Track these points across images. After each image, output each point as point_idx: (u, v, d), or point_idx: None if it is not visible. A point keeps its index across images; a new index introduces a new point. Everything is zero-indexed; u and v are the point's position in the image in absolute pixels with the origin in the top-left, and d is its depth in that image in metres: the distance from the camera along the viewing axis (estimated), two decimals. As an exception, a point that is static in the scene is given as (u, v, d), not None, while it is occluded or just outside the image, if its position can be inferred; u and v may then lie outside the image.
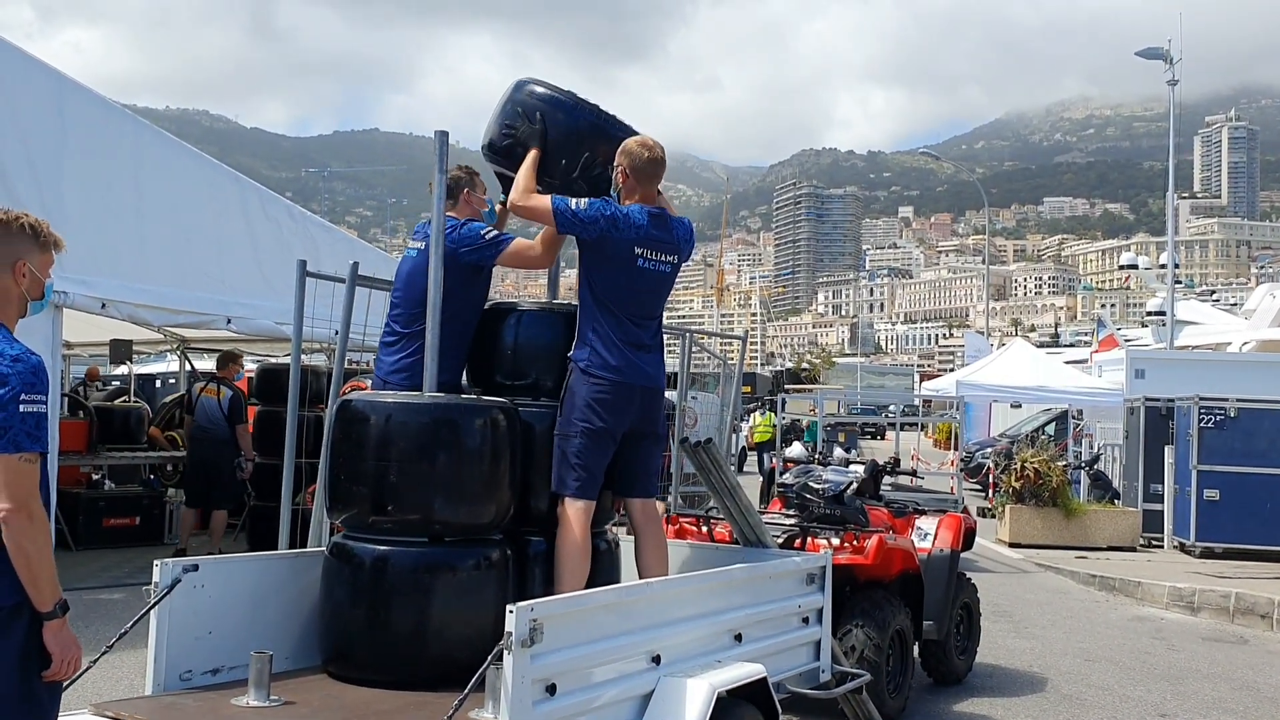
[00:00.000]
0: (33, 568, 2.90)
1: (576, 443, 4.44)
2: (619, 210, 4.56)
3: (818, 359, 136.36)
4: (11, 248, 3.08)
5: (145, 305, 10.01)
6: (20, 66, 9.38)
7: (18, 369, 2.91)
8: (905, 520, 7.25)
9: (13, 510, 2.84)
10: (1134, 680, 7.91)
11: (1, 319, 3.07)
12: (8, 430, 2.84)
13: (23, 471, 2.87)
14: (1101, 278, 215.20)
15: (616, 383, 4.47)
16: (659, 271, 4.64)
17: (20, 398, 2.86)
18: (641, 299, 4.63)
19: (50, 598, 2.95)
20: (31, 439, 2.88)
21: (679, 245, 4.72)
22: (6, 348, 2.96)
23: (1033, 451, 15.32)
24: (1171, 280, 25.66)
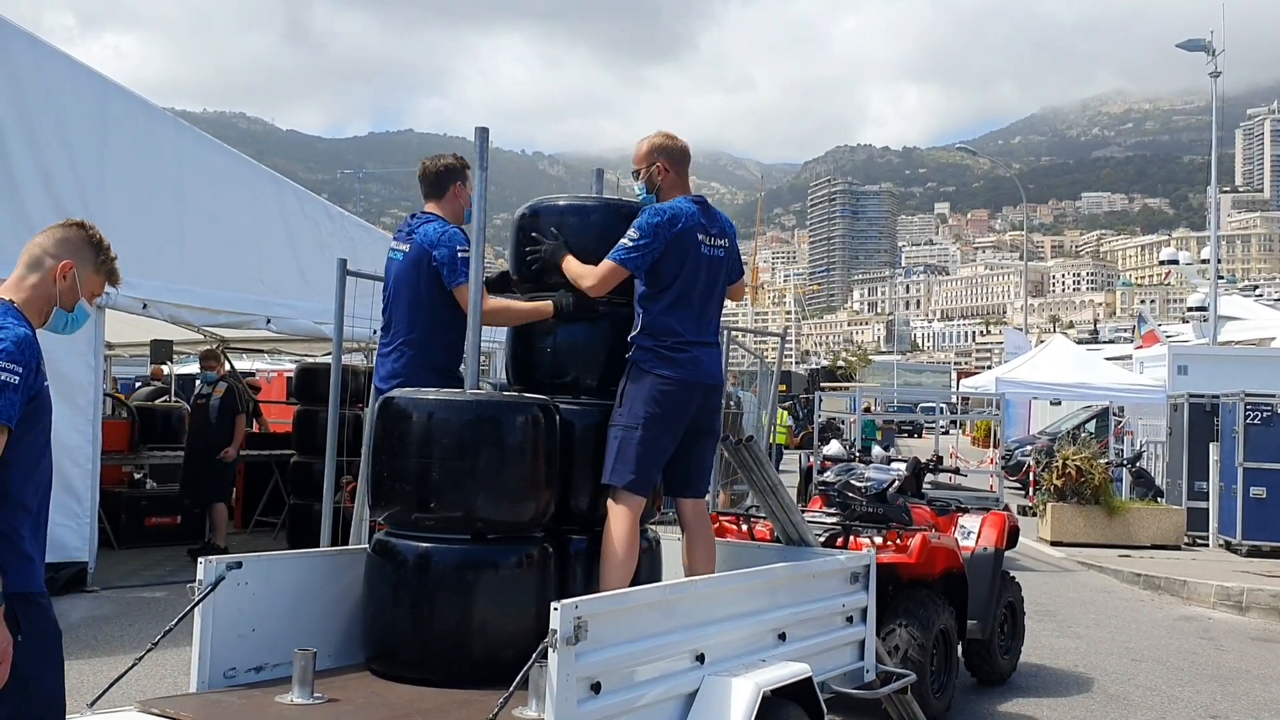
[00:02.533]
0: None
1: (638, 437, 4.39)
2: (667, 208, 4.52)
3: (853, 357, 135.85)
4: (72, 249, 3.05)
5: (186, 306, 10.10)
6: (64, 70, 9.47)
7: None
8: (948, 519, 7.18)
9: None
10: (1182, 681, 7.78)
11: (30, 312, 2.99)
12: None
13: None
14: (1141, 273, 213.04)
15: (683, 381, 4.45)
16: (717, 257, 4.63)
17: None
18: (706, 287, 4.60)
19: None
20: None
21: (725, 229, 4.72)
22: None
23: (1074, 449, 15.15)
24: (1215, 275, 25.32)
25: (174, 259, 10.06)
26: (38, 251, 3.04)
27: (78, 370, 9.26)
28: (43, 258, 3.02)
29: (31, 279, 3.01)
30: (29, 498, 2.92)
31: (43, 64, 9.24)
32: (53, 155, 9.15)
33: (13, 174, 8.87)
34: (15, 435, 2.81)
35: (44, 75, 9.18)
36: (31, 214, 8.96)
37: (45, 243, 3.06)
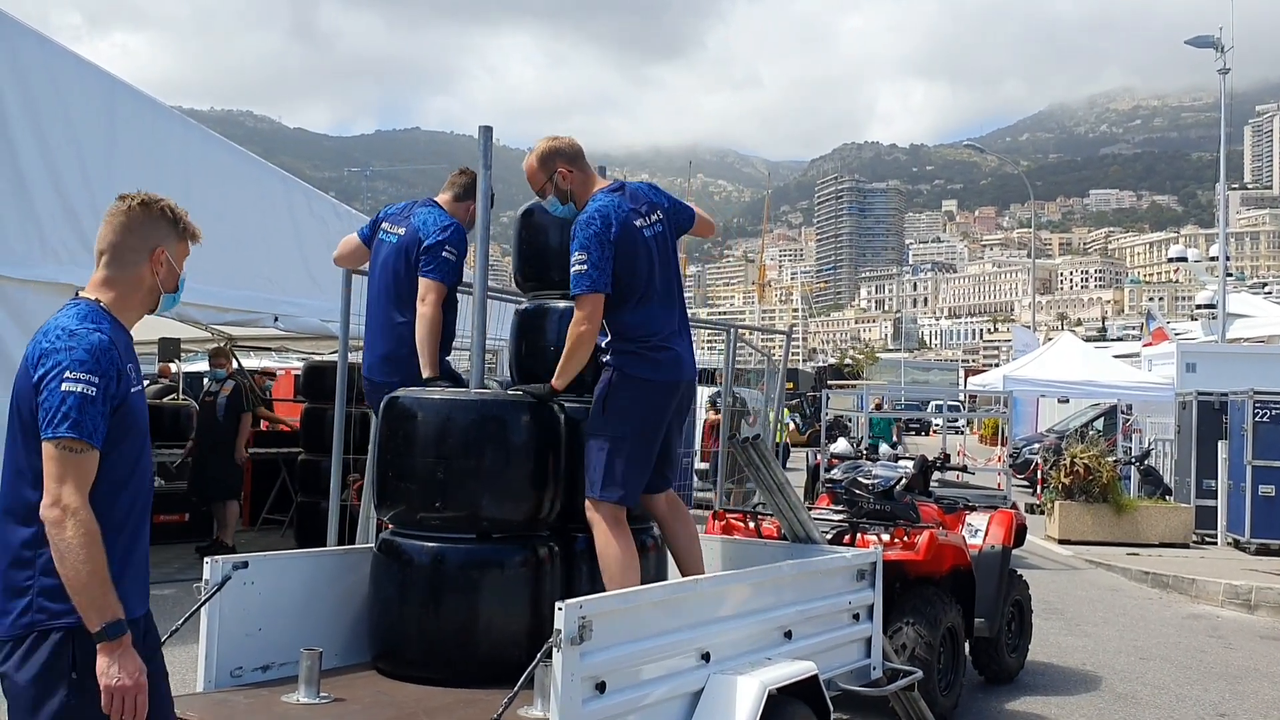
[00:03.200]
0: (68, 575, 2.52)
1: (627, 450, 4.24)
2: (594, 213, 4.26)
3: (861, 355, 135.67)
4: (151, 233, 2.85)
5: (193, 304, 10.09)
6: (72, 69, 9.48)
7: (69, 344, 2.60)
8: (955, 516, 7.17)
9: (47, 506, 2.52)
10: (1191, 679, 7.76)
11: (122, 309, 2.81)
12: (48, 412, 2.54)
13: (63, 462, 2.53)
14: (1149, 271, 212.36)
15: (667, 382, 4.34)
16: (659, 234, 4.42)
17: (64, 375, 2.55)
18: (663, 271, 4.40)
19: (97, 615, 2.53)
20: (69, 423, 2.53)
21: (653, 199, 4.48)
22: (74, 324, 2.65)
23: (1082, 447, 15.12)
24: (1223, 272, 25.24)
25: (181, 257, 10.07)
26: (118, 244, 2.82)
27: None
28: (124, 251, 2.81)
29: (121, 275, 2.81)
30: (119, 516, 2.69)
31: (50, 63, 9.25)
32: (61, 154, 9.16)
33: (21, 172, 8.87)
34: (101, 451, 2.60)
35: (52, 74, 9.19)
36: (40, 212, 8.98)
37: (120, 234, 2.83)
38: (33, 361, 2.62)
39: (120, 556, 2.68)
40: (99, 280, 2.81)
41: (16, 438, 2.67)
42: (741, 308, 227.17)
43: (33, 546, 2.58)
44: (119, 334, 2.75)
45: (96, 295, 2.78)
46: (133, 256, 2.82)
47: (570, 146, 4.49)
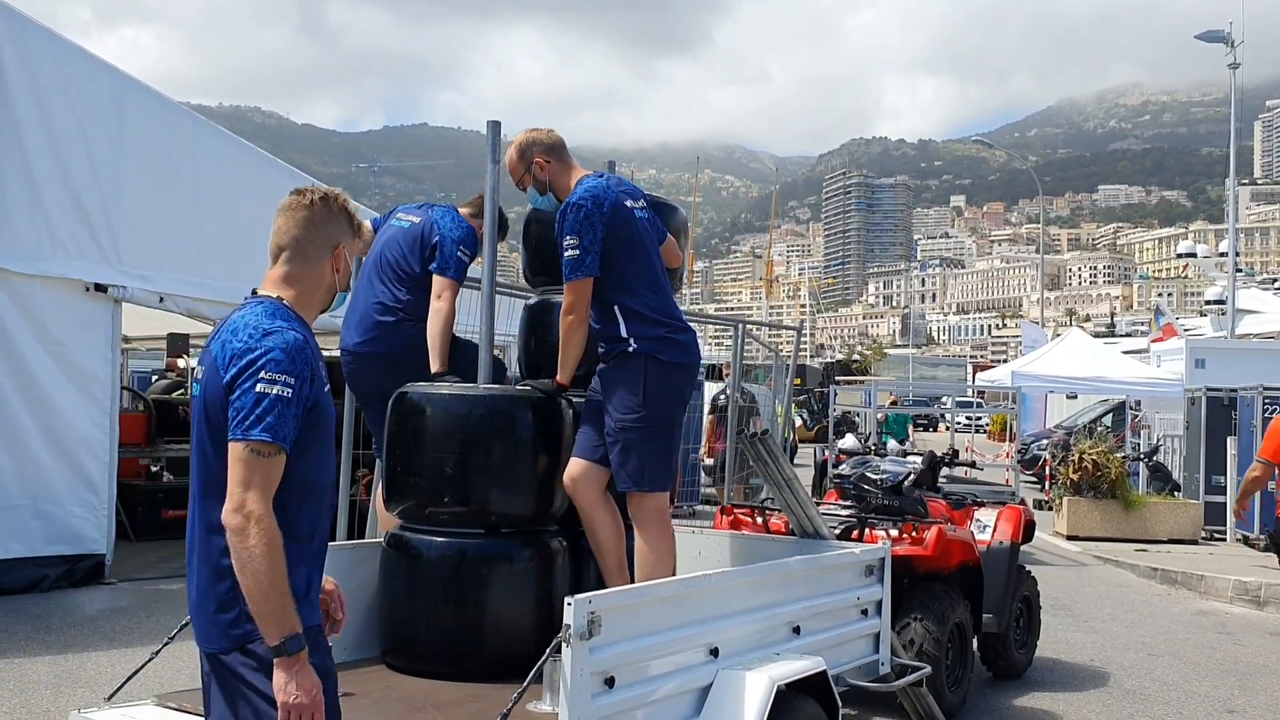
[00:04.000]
0: (248, 585, 2.38)
1: (670, 438, 4.22)
2: (582, 195, 4.20)
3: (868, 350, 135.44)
4: (334, 229, 2.74)
5: (202, 299, 10.15)
6: (81, 64, 9.50)
7: (264, 343, 2.47)
8: (964, 512, 7.15)
9: (230, 511, 2.38)
10: (1200, 676, 7.75)
11: (304, 306, 2.70)
12: (240, 413, 2.42)
13: (250, 465, 2.39)
14: (1158, 266, 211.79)
15: (692, 365, 4.32)
16: (648, 220, 4.40)
17: (259, 375, 2.43)
18: (655, 255, 4.36)
19: (275, 629, 2.39)
20: (262, 425, 2.40)
21: (637, 190, 4.48)
22: (266, 322, 2.54)
23: (1090, 443, 15.08)
24: (1232, 268, 25.18)
25: (190, 252, 10.10)
26: (301, 239, 2.71)
27: (94, 363, 9.31)
28: (308, 247, 2.70)
29: (304, 271, 2.70)
30: (306, 525, 2.59)
31: (60, 58, 9.27)
32: (70, 149, 9.19)
33: (30, 168, 8.91)
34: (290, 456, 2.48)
35: (61, 70, 9.22)
36: (49, 207, 9.01)
37: (304, 229, 2.71)
38: (223, 362, 2.49)
39: (308, 567, 2.60)
40: (279, 277, 2.69)
41: (207, 446, 2.54)
42: (749, 303, 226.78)
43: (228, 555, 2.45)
44: (307, 332, 2.63)
45: (278, 293, 2.66)
46: (315, 252, 2.71)
47: (548, 137, 4.45)
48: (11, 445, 8.77)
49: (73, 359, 9.15)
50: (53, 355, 9.00)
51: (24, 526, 8.78)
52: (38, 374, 8.90)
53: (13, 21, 8.90)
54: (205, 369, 2.55)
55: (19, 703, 5.93)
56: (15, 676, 6.40)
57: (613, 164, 5.32)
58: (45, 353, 8.96)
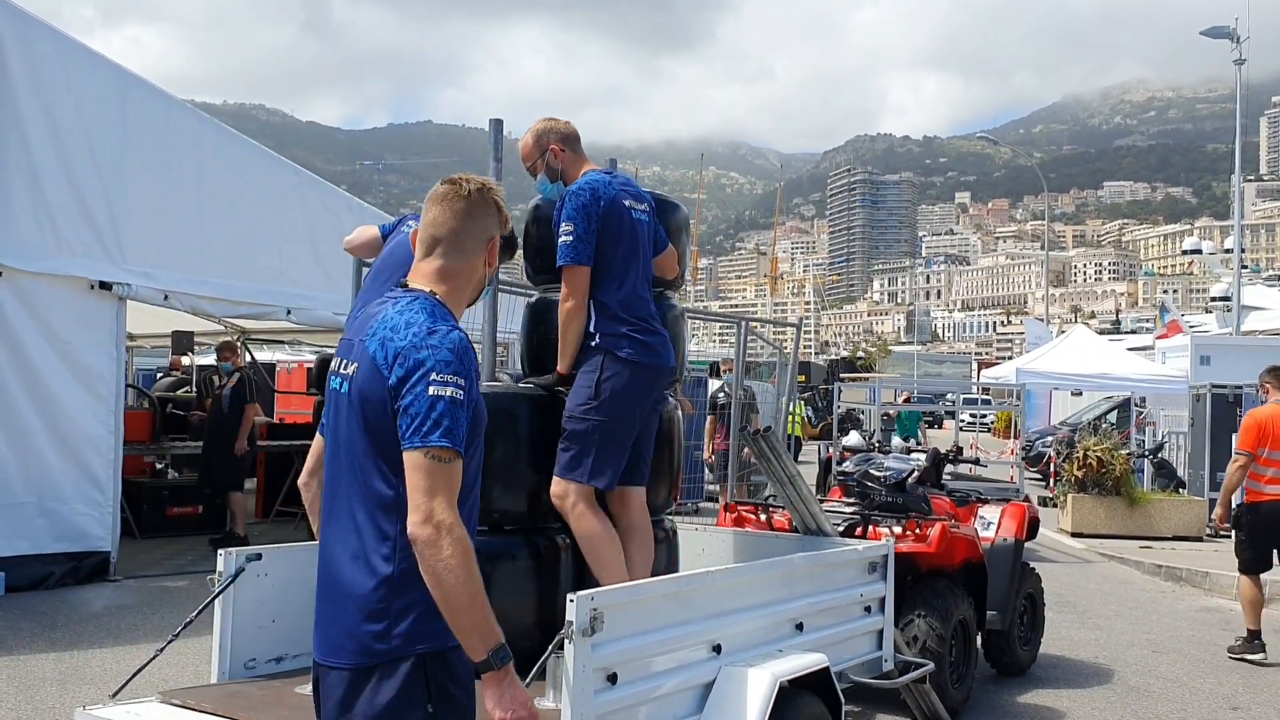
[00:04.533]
0: (448, 599, 2.23)
1: (617, 434, 4.16)
2: (584, 185, 4.22)
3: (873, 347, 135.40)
4: (489, 221, 2.61)
5: (207, 297, 10.17)
6: (85, 62, 9.52)
7: (431, 342, 2.36)
8: (968, 509, 7.15)
9: (418, 523, 2.24)
10: (1203, 672, 7.74)
11: (456, 301, 2.58)
12: (415, 418, 2.30)
13: (433, 473, 2.27)
14: (1163, 263, 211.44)
15: (655, 366, 4.25)
16: (642, 222, 4.36)
17: (431, 378, 2.32)
18: (643, 255, 4.34)
19: (480, 642, 2.26)
20: (440, 430, 2.29)
21: (642, 194, 4.45)
22: (428, 321, 2.42)
23: (1095, 440, 15.07)
24: (1238, 265, 25.14)
25: (195, 250, 10.12)
26: (459, 231, 2.57)
27: (99, 361, 9.33)
28: (465, 239, 2.56)
29: (460, 264, 2.57)
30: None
31: (64, 56, 9.29)
32: (74, 147, 9.20)
33: (35, 167, 8.93)
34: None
35: (65, 68, 9.23)
36: (54, 205, 9.03)
37: (461, 221, 2.57)
38: (385, 361, 2.36)
39: None
40: (434, 271, 2.55)
41: (359, 446, 2.40)
42: (754, 300, 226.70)
43: (388, 562, 2.34)
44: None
45: (431, 286, 2.53)
46: (472, 245, 2.58)
47: (565, 127, 4.47)
48: (17, 443, 8.79)
49: (78, 357, 9.17)
50: (58, 353, 9.02)
51: (30, 524, 8.80)
52: (43, 372, 8.92)
53: (17, 19, 8.91)
54: (361, 367, 2.41)
55: (25, 699, 5.95)
56: (21, 673, 6.42)
57: (614, 161, 5.32)
58: (50, 350, 8.98)
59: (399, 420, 2.31)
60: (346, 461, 2.43)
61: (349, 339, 2.53)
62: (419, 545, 2.24)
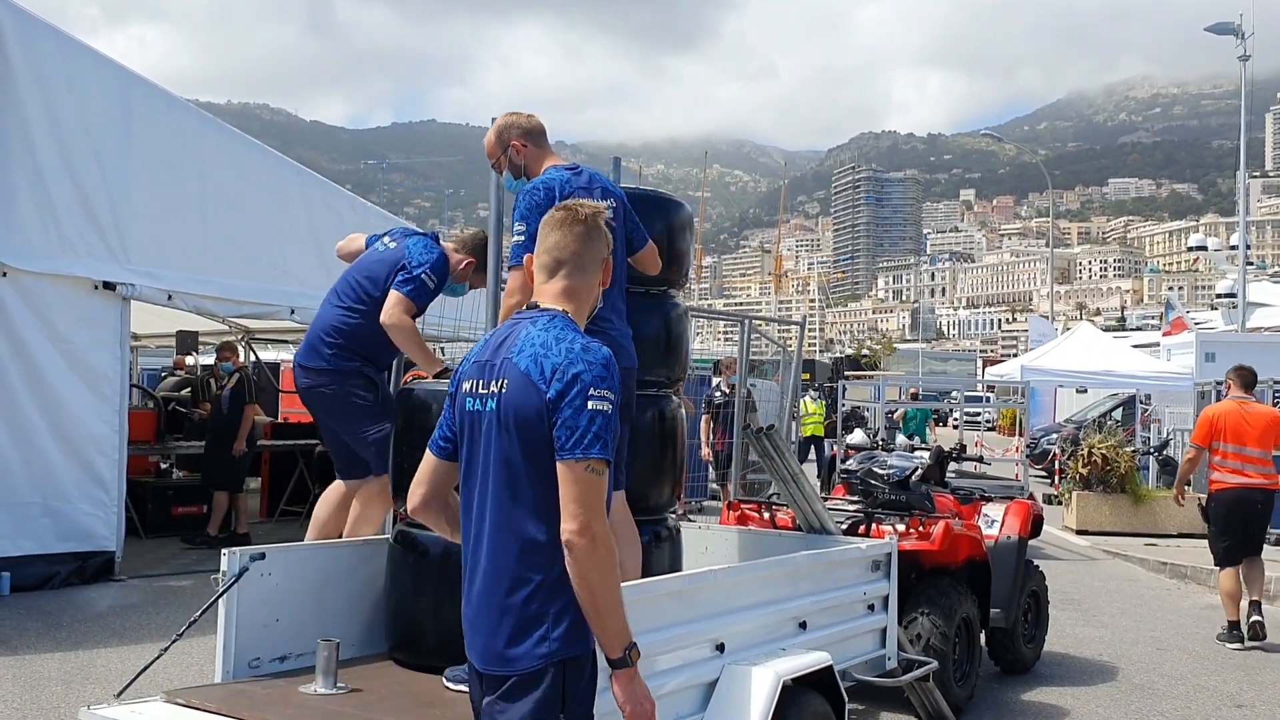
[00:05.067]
0: (598, 603, 2.42)
1: None
2: (538, 183, 4.12)
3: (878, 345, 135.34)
4: (604, 245, 2.79)
5: (210, 297, 10.18)
6: (87, 63, 9.53)
7: (585, 358, 2.50)
8: (971, 507, 7.14)
9: (575, 531, 2.39)
10: (1208, 670, 7.73)
11: (579, 318, 2.72)
12: (574, 432, 2.43)
13: (588, 484, 2.42)
14: (1169, 260, 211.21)
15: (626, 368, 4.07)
16: (617, 218, 4.11)
17: (589, 393, 2.45)
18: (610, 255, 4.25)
19: (619, 641, 2.46)
20: (600, 444, 2.44)
21: (610, 190, 4.22)
22: (578, 338, 2.58)
23: (1100, 437, 15.05)
24: (1243, 261, 25.10)
25: (198, 250, 10.13)
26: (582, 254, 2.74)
27: (103, 361, 9.34)
28: (587, 261, 2.73)
29: (583, 285, 2.73)
30: None
31: (67, 57, 9.30)
32: (78, 148, 9.21)
33: (38, 167, 8.94)
34: None
35: (68, 68, 9.24)
36: (57, 205, 9.04)
37: (583, 244, 2.74)
38: (540, 376, 2.48)
39: None
40: (561, 290, 2.69)
41: (516, 459, 2.51)
42: (758, 299, 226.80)
43: (542, 571, 2.47)
44: None
45: (560, 306, 2.67)
46: (591, 266, 2.74)
47: (528, 121, 4.36)
48: (22, 443, 8.81)
49: (82, 357, 9.19)
50: (62, 353, 9.03)
51: (35, 524, 8.81)
52: (47, 372, 8.93)
53: (20, 20, 8.92)
54: (512, 383, 2.51)
55: (30, 699, 5.96)
56: (26, 673, 6.43)
57: (618, 160, 5.33)
58: (54, 351, 8.99)
59: (555, 432, 2.44)
60: (496, 476, 2.54)
61: (483, 360, 2.63)
62: (574, 552, 2.39)
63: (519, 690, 2.48)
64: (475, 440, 2.59)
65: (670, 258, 4.83)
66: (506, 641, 2.49)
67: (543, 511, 2.47)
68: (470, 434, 2.61)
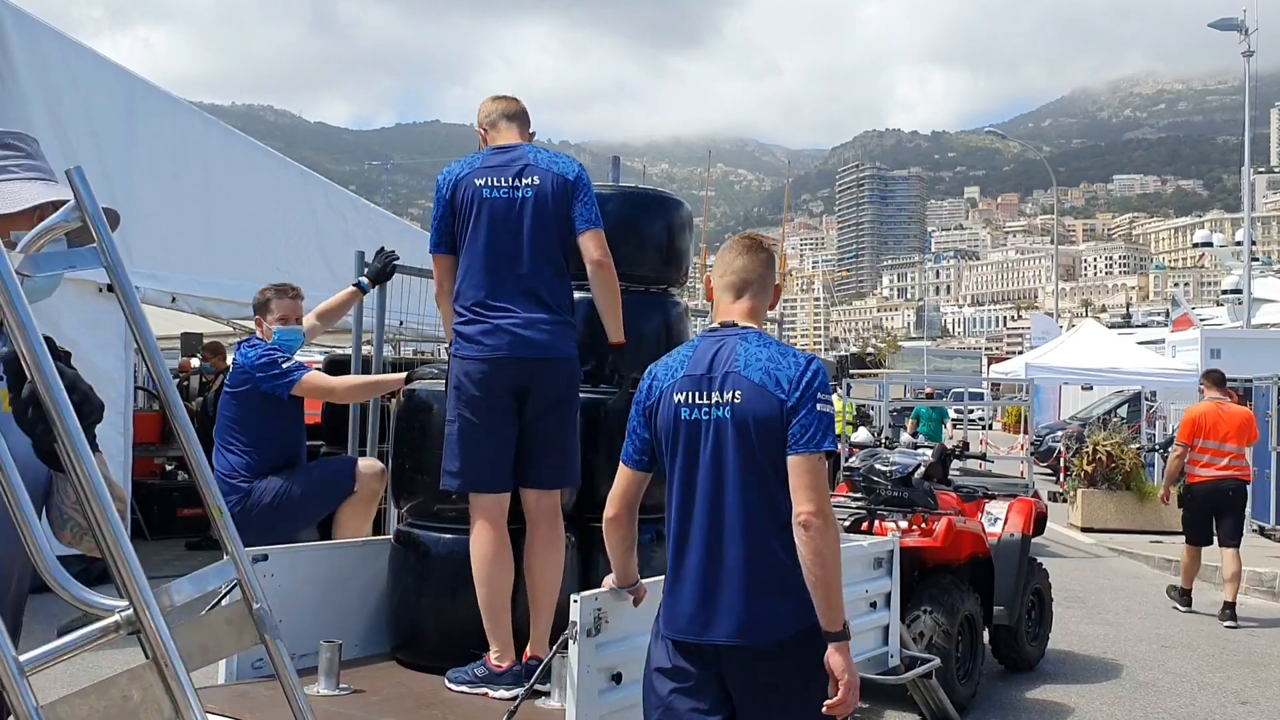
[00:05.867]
0: (829, 577, 2.70)
1: (454, 430, 3.95)
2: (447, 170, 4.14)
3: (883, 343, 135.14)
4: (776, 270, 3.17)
5: (214, 299, 10.20)
6: (91, 67, 9.55)
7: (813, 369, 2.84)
8: (974, 505, 7.15)
9: (812, 513, 2.70)
10: (1213, 667, 7.73)
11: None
12: (808, 430, 2.75)
13: (819, 474, 2.77)
14: (1174, 256, 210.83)
15: (483, 359, 3.90)
16: (511, 199, 3.95)
17: (818, 397, 2.81)
18: (508, 237, 3.94)
19: (840, 615, 2.74)
20: (829, 439, 2.78)
21: (541, 167, 3.99)
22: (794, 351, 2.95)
23: (1104, 434, 15.04)
24: (1248, 257, 25.04)
25: (202, 252, 10.15)
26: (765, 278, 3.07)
27: (107, 362, 9.37)
28: (767, 285, 3.08)
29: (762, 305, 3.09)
30: None
31: (70, 61, 9.32)
32: (82, 150, 9.23)
33: (43, 170, 8.96)
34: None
35: (72, 72, 9.27)
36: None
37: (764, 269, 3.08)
38: (781, 386, 2.79)
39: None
40: (748, 310, 3.03)
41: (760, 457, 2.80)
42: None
43: (788, 551, 2.74)
44: None
45: (751, 323, 3.01)
46: (769, 289, 3.09)
47: (488, 105, 4.27)
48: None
49: (86, 358, 9.20)
50: (66, 355, 9.06)
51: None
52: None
53: (23, 24, 8.95)
54: (746, 394, 2.82)
55: (35, 701, 5.98)
56: (29, 675, 6.45)
57: (617, 159, 5.35)
58: (59, 353, 9.01)
59: (791, 430, 2.76)
60: (734, 476, 2.82)
61: (697, 375, 2.90)
62: (811, 531, 2.69)
63: (784, 653, 2.76)
64: (696, 444, 2.87)
65: (670, 256, 4.85)
66: (767, 612, 2.77)
67: (780, 500, 2.76)
68: (689, 439, 2.88)
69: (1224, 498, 9.61)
